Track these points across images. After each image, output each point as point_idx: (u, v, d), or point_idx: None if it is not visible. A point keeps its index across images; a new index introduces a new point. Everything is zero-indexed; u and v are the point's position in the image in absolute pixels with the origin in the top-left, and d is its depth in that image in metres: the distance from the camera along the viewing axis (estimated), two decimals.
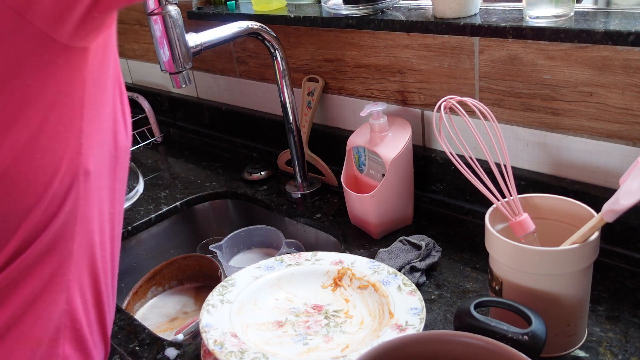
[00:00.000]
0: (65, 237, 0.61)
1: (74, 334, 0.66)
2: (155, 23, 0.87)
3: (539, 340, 0.59)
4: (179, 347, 0.81)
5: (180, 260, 1.12)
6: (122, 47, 1.69)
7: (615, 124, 0.79)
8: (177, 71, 0.91)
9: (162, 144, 1.56)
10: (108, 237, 0.70)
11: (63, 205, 0.59)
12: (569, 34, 0.75)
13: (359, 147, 1.01)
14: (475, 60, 0.89)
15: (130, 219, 1.17)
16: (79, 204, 0.61)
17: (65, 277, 0.63)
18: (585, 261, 0.66)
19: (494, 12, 0.87)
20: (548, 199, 0.74)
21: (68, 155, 0.58)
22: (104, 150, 0.64)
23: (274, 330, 0.76)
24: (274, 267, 0.86)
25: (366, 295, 0.81)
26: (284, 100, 1.09)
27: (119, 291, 1.14)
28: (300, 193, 1.15)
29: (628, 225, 0.79)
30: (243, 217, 1.27)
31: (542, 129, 0.86)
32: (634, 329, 0.72)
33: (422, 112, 1.01)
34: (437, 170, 1.00)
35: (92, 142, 0.61)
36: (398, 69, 1.00)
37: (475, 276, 0.86)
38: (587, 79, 0.79)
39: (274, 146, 1.32)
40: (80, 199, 0.61)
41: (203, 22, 1.30)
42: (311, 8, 1.12)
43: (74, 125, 0.58)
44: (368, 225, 0.98)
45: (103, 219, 0.67)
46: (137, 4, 1.49)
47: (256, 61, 1.28)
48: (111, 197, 0.68)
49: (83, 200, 0.61)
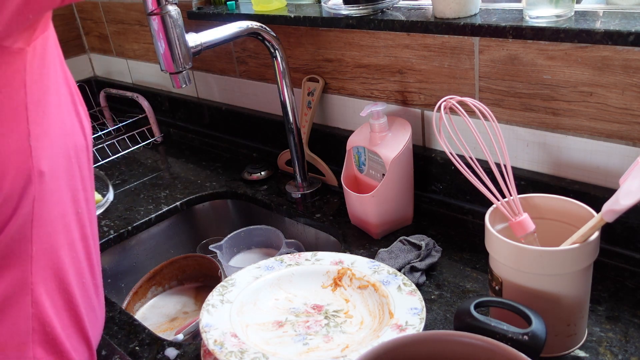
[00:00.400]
0: (23, 240, 0.61)
1: (44, 337, 0.65)
2: (155, 23, 0.87)
3: (539, 340, 0.59)
4: (179, 347, 0.81)
5: (180, 260, 1.12)
6: (122, 47, 1.69)
7: (615, 124, 0.79)
8: (177, 71, 0.91)
9: (162, 144, 1.56)
10: (78, 237, 0.69)
11: (18, 207, 0.59)
12: (569, 34, 0.75)
13: (359, 147, 1.01)
14: (475, 60, 0.89)
15: (130, 219, 1.17)
16: (35, 206, 0.61)
17: (27, 280, 0.62)
18: (585, 261, 0.66)
19: (494, 12, 0.87)
20: (548, 199, 0.74)
21: (16, 157, 0.58)
22: (58, 151, 0.64)
23: (274, 330, 0.76)
24: (274, 267, 0.86)
25: (366, 295, 0.81)
26: (284, 100, 1.09)
27: (119, 291, 1.14)
28: (300, 193, 1.15)
29: (628, 225, 0.79)
30: (243, 217, 1.27)
31: (542, 129, 0.86)
32: (634, 329, 0.72)
33: (422, 112, 1.01)
34: (437, 170, 1.00)
35: (42, 145, 0.61)
36: (398, 69, 1.00)
37: (475, 276, 0.86)
38: (587, 79, 0.79)
39: (274, 146, 1.32)
40: (36, 200, 0.61)
41: (203, 22, 1.30)
42: (311, 8, 1.12)
43: (19, 127, 0.58)
44: (368, 225, 0.98)
45: (68, 220, 0.67)
46: (137, 3, 1.50)
47: (256, 61, 1.28)
48: (74, 197, 0.68)
49: (39, 201, 0.61)
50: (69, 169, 0.66)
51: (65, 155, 0.66)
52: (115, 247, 1.14)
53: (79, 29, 1.85)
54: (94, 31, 1.79)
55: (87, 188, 0.72)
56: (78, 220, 0.69)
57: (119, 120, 1.63)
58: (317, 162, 1.18)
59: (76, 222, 0.68)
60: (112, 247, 1.13)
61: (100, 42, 1.79)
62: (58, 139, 0.64)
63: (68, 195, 0.66)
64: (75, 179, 0.68)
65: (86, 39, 1.86)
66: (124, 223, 1.16)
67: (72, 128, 0.67)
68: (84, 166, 0.70)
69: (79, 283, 0.70)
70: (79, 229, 0.69)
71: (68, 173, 0.66)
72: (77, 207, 0.68)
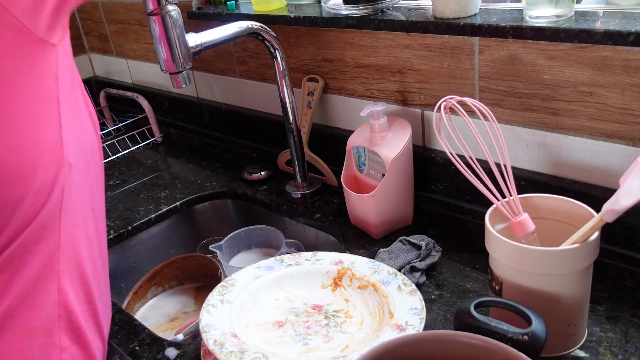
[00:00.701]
0: (52, 228, 0.63)
1: (69, 326, 0.67)
2: (155, 23, 0.87)
3: (539, 340, 0.59)
4: (179, 347, 0.81)
5: (180, 260, 1.12)
6: (122, 47, 1.69)
7: (615, 124, 0.79)
8: (177, 71, 0.91)
9: (162, 144, 1.56)
10: (93, 233, 0.71)
11: (51, 195, 0.62)
12: (569, 34, 0.75)
13: (359, 147, 1.01)
14: (475, 60, 0.89)
15: (130, 219, 1.17)
16: (64, 196, 0.63)
17: (54, 268, 0.65)
18: (585, 261, 0.66)
19: (494, 12, 0.87)
20: (548, 199, 0.74)
21: (50, 147, 0.61)
22: (79, 146, 0.66)
23: (274, 330, 0.76)
24: (274, 267, 0.86)
25: (366, 295, 0.81)
26: (284, 100, 1.09)
27: (119, 291, 1.14)
28: (300, 193, 1.15)
29: (628, 225, 0.79)
30: (243, 217, 1.27)
31: (542, 129, 0.86)
32: (634, 329, 0.72)
33: (422, 112, 1.01)
34: (437, 170, 1.00)
35: (70, 137, 0.64)
36: (398, 69, 1.00)
37: (475, 276, 0.86)
38: (587, 79, 0.79)
39: (274, 146, 1.32)
40: (65, 190, 0.63)
41: (203, 22, 1.30)
42: (311, 8, 1.12)
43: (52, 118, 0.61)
44: (368, 225, 0.98)
45: (86, 214, 0.69)
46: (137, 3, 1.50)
47: (256, 61, 1.28)
48: (90, 193, 0.70)
49: (67, 192, 0.64)
50: (87, 165, 0.69)
51: (84, 151, 0.68)
52: (115, 247, 1.14)
53: (79, 29, 1.85)
54: (94, 31, 1.79)
55: (100, 186, 0.74)
56: (94, 217, 0.71)
57: (119, 120, 1.63)
58: (317, 162, 1.18)
59: (92, 218, 0.71)
60: (112, 247, 1.13)
61: (100, 42, 1.79)
62: (79, 135, 0.67)
63: (86, 191, 0.69)
64: (91, 176, 0.70)
65: (86, 39, 1.86)
66: (124, 223, 1.16)
67: (87, 126, 0.70)
68: (97, 165, 0.73)
69: (95, 277, 0.72)
70: (94, 225, 0.71)
71: (86, 169, 0.68)
72: (93, 204, 0.71)
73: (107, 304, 0.78)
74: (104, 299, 0.75)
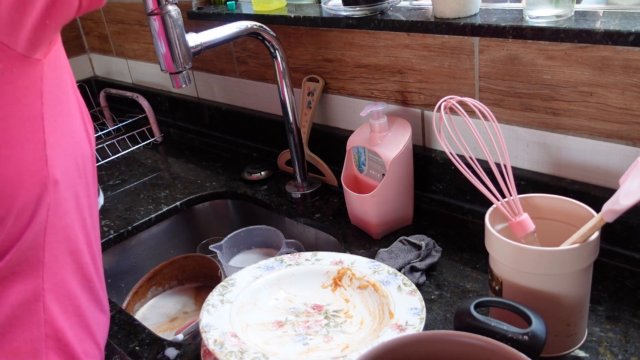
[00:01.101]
0: (36, 247, 0.62)
1: (57, 344, 0.66)
2: (155, 23, 0.87)
3: (539, 340, 0.59)
4: (179, 347, 0.81)
5: (180, 260, 1.12)
6: (122, 47, 1.69)
7: (615, 124, 0.79)
8: (177, 71, 0.91)
9: (162, 144, 1.56)
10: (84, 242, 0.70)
11: (35, 215, 0.60)
12: (569, 34, 0.75)
13: (359, 147, 1.01)
14: (475, 60, 0.89)
15: (130, 219, 1.17)
16: (50, 214, 0.62)
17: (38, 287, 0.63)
18: (585, 261, 0.66)
19: (494, 12, 0.87)
20: (548, 199, 0.74)
21: (32, 166, 0.59)
22: (69, 160, 0.65)
23: (274, 330, 0.76)
24: (274, 267, 0.86)
25: (366, 295, 0.81)
26: (284, 100, 1.09)
27: (119, 291, 1.14)
28: (300, 193, 1.15)
29: (628, 225, 0.79)
30: (243, 217, 1.27)
31: (542, 129, 0.86)
32: (634, 329, 0.72)
33: (422, 112, 1.01)
34: (437, 170, 1.00)
35: (56, 153, 0.62)
36: (398, 69, 1.00)
37: (475, 276, 0.86)
38: (587, 79, 0.79)
39: (274, 146, 1.32)
40: (51, 208, 0.61)
41: (203, 22, 1.30)
42: (311, 8, 1.12)
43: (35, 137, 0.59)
44: (368, 225, 0.98)
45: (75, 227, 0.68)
46: (137, 3, 1.50)
47: (256, 61, 1.28)
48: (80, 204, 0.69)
49: (54, 209, 0.62)
50: (78, 176, 0.67)
51: (75, 163, 0.66)
52: (115, 247, 1.14)
53: (79, 29, 1.85)
54: (94, 31, 1.79)
55: (91, 194, 0.73)
56: (83, 227, 0.70)
57: (119, 120, 1.63)
58: (317, 162, 1.18)
59: (82, 228, 0.69)
60: (112, 247, 1.13)
61: (100, 42, 1.79)
62: (69, 148, 0.65)
63: (76, 202, 0.67)
64: (82, 186, 0.69)
65: (86, 39, 1.86)
66: (124, 223, 1.16)
67: (80, 136, 0.69)
68: (89, 173, 0.71)
69: (85, 287, 0.71)
70: (84, 235, 0.70)
71: (77, 181, 0.67)
72: (83, 214, 0.69)
73: (104, 309, 0.77)
74: (97, 304, 0.74)
